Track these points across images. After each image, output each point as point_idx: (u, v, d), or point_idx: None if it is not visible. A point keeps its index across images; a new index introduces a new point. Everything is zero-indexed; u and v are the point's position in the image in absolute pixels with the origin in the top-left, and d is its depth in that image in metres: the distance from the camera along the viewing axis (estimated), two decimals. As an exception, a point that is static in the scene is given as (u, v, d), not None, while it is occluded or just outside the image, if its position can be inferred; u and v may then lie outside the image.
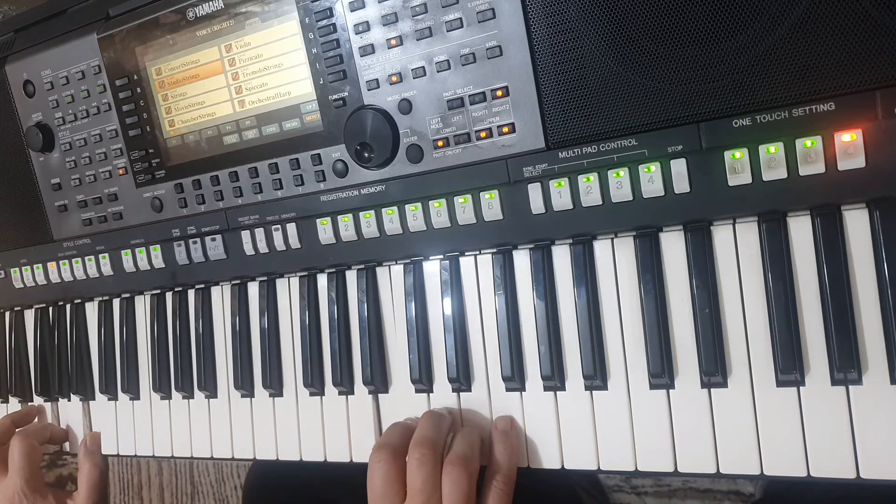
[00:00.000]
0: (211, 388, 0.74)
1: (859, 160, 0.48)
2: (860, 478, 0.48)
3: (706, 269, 0.52)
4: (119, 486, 1.47)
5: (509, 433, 0.58)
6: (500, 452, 0.57)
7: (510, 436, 0.58)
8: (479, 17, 0.55)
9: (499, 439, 0.58)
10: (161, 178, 0.73)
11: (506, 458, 0.57)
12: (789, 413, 0.50)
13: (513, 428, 0.59)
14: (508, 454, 0.57)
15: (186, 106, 0.69)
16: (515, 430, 0.59)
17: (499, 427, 0.59)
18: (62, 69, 0.74)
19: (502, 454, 0.57)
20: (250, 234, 0.70)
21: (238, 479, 1.33)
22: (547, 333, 0.57)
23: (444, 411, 0.62)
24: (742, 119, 0.50)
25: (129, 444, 0.81)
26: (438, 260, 0.63)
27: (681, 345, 0.54)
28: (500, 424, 0.59)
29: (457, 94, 0.58)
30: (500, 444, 0.58)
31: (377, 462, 0.57)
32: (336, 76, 0.62)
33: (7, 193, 0.82)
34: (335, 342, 0.67)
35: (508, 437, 0.58)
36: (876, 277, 0.48)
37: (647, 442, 0.55)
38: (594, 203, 0.56)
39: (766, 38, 0.48)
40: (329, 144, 0.64)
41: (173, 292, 0.77)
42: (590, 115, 0.54)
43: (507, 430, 0.59)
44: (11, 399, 0.90)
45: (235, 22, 0.64)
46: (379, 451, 0.57)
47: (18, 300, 0.88)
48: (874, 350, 0.48)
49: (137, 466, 1.45)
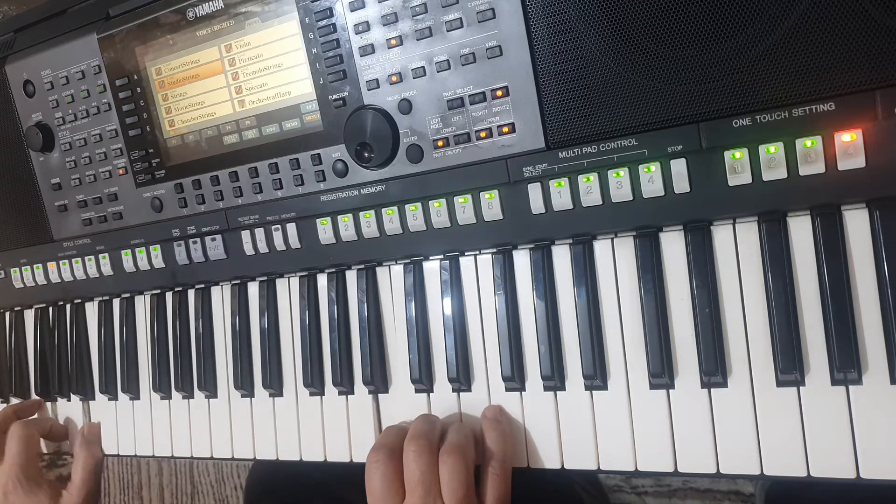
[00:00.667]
0: (211, 388, 0.74)
1: (859, 160, 0.48)
2: (860, 478, 0.48)
3: (706, 269, 0.52)
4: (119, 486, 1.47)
5: (499, 419, 0.59)
6: (492, 439, 0.57)
7: (500, 422, 0.58)
8: (479, 17, 0.55)
9: (489, 427, 0.58)
10: (161, 178, 0.73)
11: (499, 444, 0.57)
12: (789, 413, 0.50)
13: (502, 415, 0.59)
14: (501, 440, 0.57)
15: (186, 106, 0.69)
16: (506, 417, 0.59)
17: (488, 416, 0.59)
18: (62, 69, 0.74)
19: (494, 440, 0.57)
20: (250, 234, 0.70)
21: (238, 479, 1.33)
22: (547, 333, 0.57)
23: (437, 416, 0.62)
24: (742, 119, 0.50)
25: (129, 444, 0.81)
26: (438, 260, 0.63)
27: (681, 345, 0.54)
28: (489, 413, 0.60)
29: (457, 94, 0.58)
30: (491, 431, 0.58)
31: (375, 463, 0.57)
32: (336, 76, 0.62)
33: (7, 193, 0.82)
34: (335, 342, 0.67)
35: (499, 424, 0.58)
36: (876, 277, 0.48)
37: (647, 442, 0.55)
38: (594, 203, 0.56)
39: (766, 38, 0.48)
40: (329, 144, 0.64)
41: (173, 292, 0.77)
42: (590, 115, 0.54)
43: (496, 418, 0.59)
44: (12, 399, 0.90)
45: (235, 22, 0.64)
46: (376, 453, 0.57)
47: (18, 300, 0.88)
48: (874, 350, 0.48)
49: (137, 466, 1.45)
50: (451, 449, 0.55)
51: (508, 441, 0.58)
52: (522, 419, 0.59)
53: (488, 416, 0.59)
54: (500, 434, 0.58)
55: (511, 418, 0.60)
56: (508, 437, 0.58)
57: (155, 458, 0.82)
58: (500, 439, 0.57)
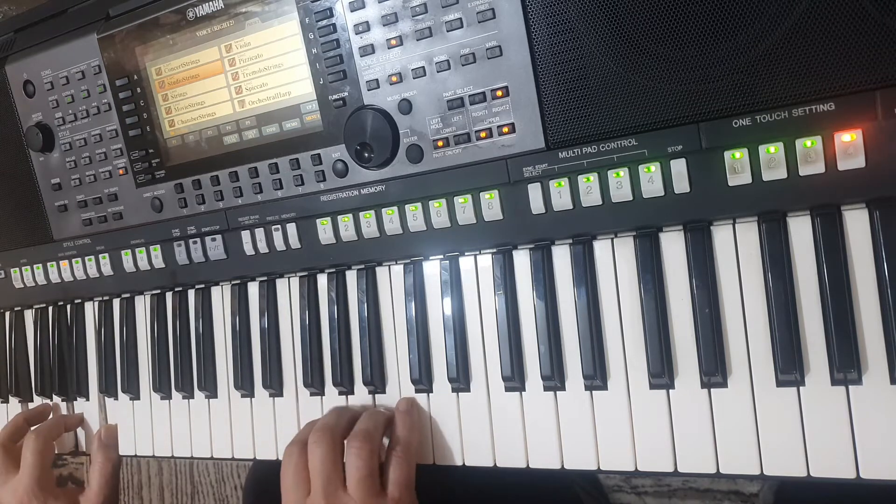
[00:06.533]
0: (211, 388, 0.74)
1: (859, 160, 0.48)
2: (860, 478, 0.48)
3: (706, 269, 0.52)
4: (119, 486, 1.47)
5: (410, 411, 0.63)
6: (399, 427, 0.62)
7: (411, 413, 0.63)
8: (479, 17, 0.55)
9: (399, 417, 0.63)
10: (161, 178, 0.73)
11: (405, 431, 0.61)
12: (789, 413, 0.50)
13: (413, 406, 0.63)
14: (408, 428, 0.62)
15: (186, 106, 0.69)
16: (416, 409, 0.64)
17: (400, 408, 0.64)
18: (62, 69, 0.74)
19: (401, 428, 0.62)
20: (250, 234, 0.70)
21: (238, 479, 1.33)
22: (547, 333, 0.57)
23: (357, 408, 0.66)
24: (742, 119, 0.50)
25: (129, 444, 0.81)
26: (438, 260, 0.63)
27: (681, 345, 0.54)
28: (402, 405, 0.64)
29: (457, 94, 0.58)
30: (400, 420, 0.62)
31: (287, 457, 0.61)
32: (336, 76, 0.62)
33: (7, 193, 0.82)
34: (335, 342, 0.67)
35: (409, 414, 0.63)
36: (876, 277, 0.48)
37: (647, 442, 0.55)
38: (594, 203, 0.56)
39: (766, 39, 0.48)
40: (329, 144, 0.64)
41: (173, 292, 0.77)
42: (590, 115, 0.54)
43: (407, 409, 0.63)
44: (11, 399, 0.90)
45: (235, 22, 0.64)
46: (289, 447, 0.61)
47: (18, 300, 0.88)
48: (874, 350, 0.48)
49: (137, 466, 1.45)
50: (355, 435, 0.59)
51: (415, 429, 0.62)
52: (522, 419, 0.59)
53: (400, 408, 0.63)
54: (407, 423, 0.62)
55: (423, 410, 0.63)
56: (416, 427, 0.62)
57: (155, 459, 0.82)
58: (407, 427, 0.62)
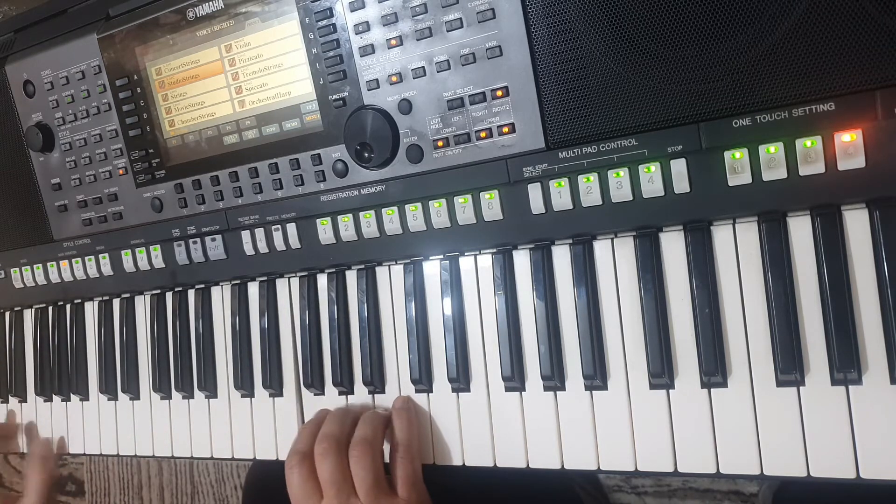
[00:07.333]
0: (211, 388, 0.74)
1: (859, 160, 0.48)
2: (860, 478, 0.48)
3: (706, 269, 0.52)
4: (119, 486, 1.47)
5: (407, 409, 0.63)
6: (398, 428, 0.62)
7: (408, 411, 0.63)
8: (478, 17, 0.55)
9: (396, 416, 0.63)
10: (161, 178, 0.73)
11: (404, 432, 0.61)
12: (789, 413, 0.50)
13: (409, 404, 0.63)
14: (407, 426, 0.62)
15: (186, 106, 0.69)
16: (412, 406, 0.64)
17: (396, 406, 0.63)
18: (62, 69, 0.74)
19: (400, 428, 0.62)
20: (250, 234, 0.70)
21: (238, 479, 1.33)
22: (547, 333, 0.57)
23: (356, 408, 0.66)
24: (742, 119, 0.50)
25: (129, 444, 0.81)
26: (438, 260, 0.63)
27: (681, 345, 0.54)
28: (397, 404, 0.64)
29: (457, 94, 0.58)
30: (397, 420, 0.62)
31: (290, 469, 0.60)
32: (336, 76, 0.62)
33: (7, 193, 0.82)
34: (335, 342, 0.67)
35: (405, 413, 0.63)
36: (876, 277, 0.48)
37: (647, 442, 0.55)
38: (594, 203, 0.56)
39: (766, 39, 0.48)
40: (329, 144, 0.64)
41: (173, 292, 0.77)
42: (590, 115, 0.54)
43: (403, 407, 0.63)
44: (11, 399, 0.90)
45: (235, 22, 0.64)
46: (290, 459, 0.60)
47: (18, 300, 0.88)
48: (874, 350, 0.48)
49: (137, 466, 1.45)
50: (356, 444, 0.59)
51: (414, 426, 0.62)
52: (522, 419, 0.59)
53: (396, 406, 0.63)
54: (405, 422, 0.62)
55: (420, 407, 0.63)
56: (413, 425, 0.63)
57: (155, 459, 0.82)
58: (405, 427, 0.62)
